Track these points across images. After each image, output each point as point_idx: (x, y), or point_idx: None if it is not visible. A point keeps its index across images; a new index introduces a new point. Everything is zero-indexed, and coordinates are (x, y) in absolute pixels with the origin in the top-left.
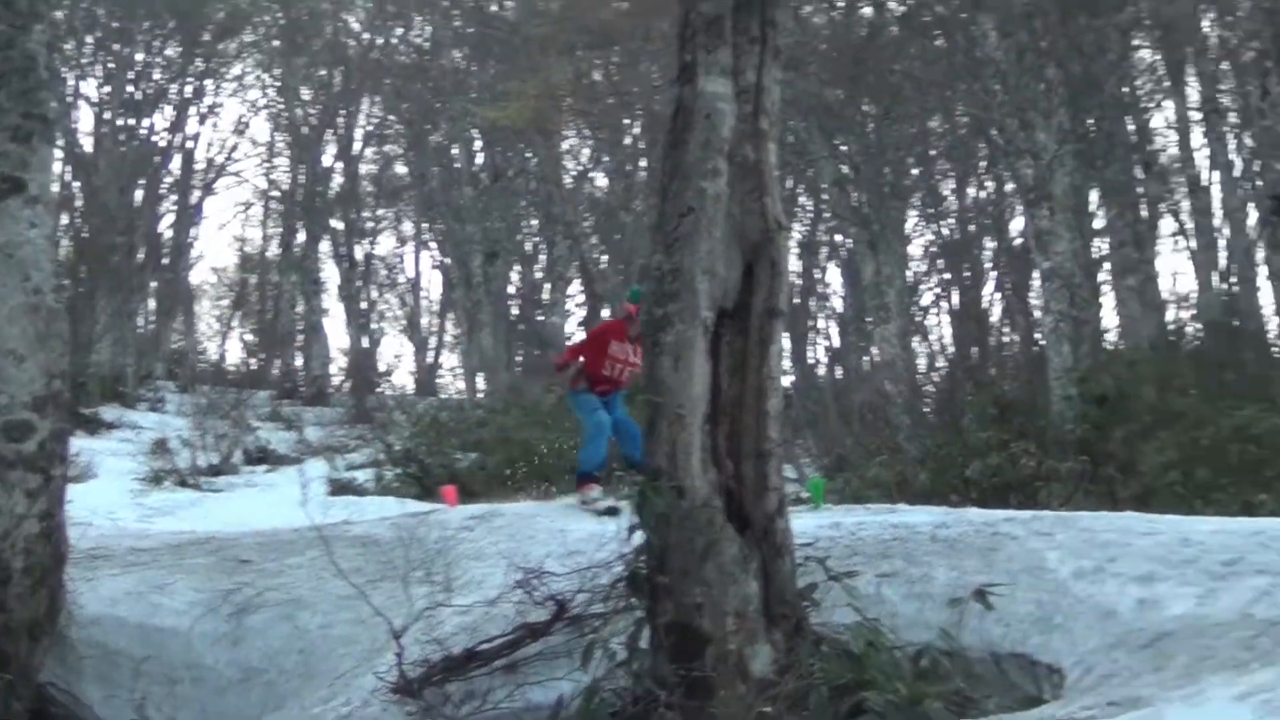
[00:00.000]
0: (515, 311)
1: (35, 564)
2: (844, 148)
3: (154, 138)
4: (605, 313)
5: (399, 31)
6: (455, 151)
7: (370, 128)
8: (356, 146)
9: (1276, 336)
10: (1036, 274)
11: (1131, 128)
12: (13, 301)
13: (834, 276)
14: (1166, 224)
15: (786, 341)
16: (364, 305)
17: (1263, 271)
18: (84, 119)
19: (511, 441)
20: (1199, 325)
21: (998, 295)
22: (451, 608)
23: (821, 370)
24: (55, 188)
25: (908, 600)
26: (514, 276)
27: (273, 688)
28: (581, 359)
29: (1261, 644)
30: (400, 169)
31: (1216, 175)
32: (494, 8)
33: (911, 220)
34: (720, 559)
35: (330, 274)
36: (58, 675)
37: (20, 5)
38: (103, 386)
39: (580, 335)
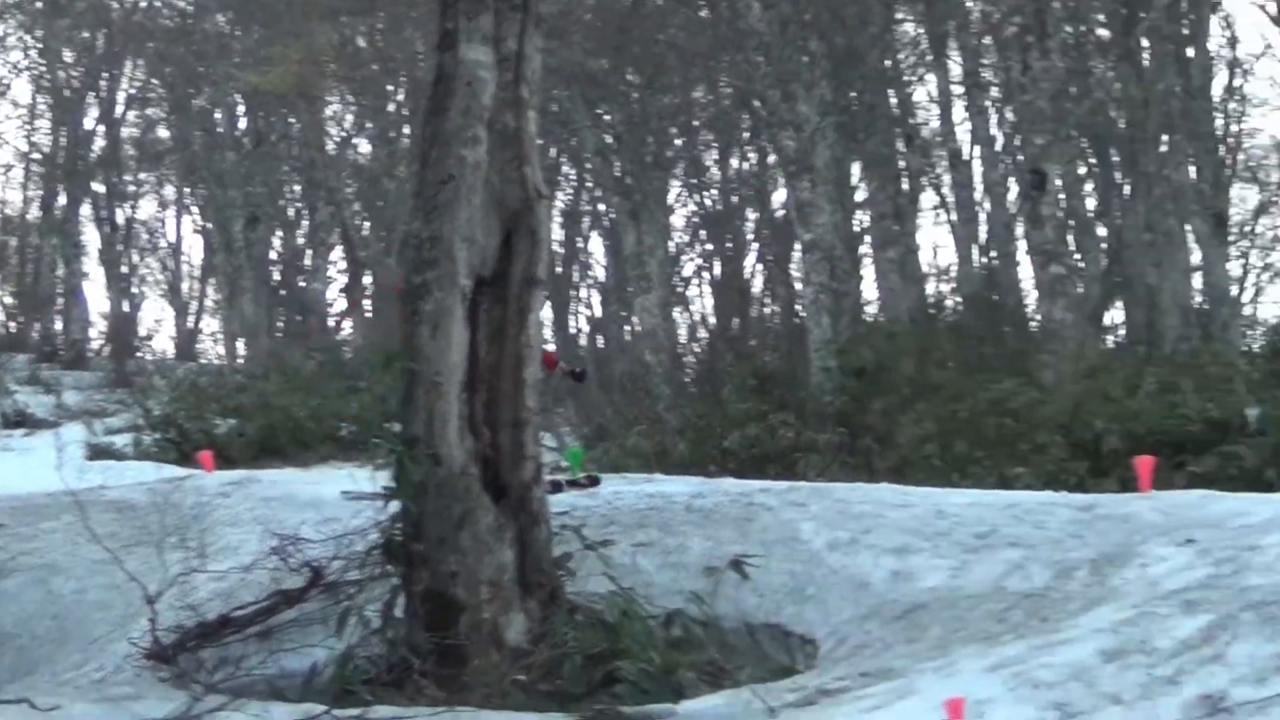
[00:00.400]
0: (277, 277)
1: None
2: (607, 117)
3: None
4: (367, 279)
5: None
6: (218, 116)
7: (133, 91)
8: (119, 110)
9: (1034, 310)
10: (798, 246)
11: (894, 101)
12: None
13: (596, 246)
14: (928, 197)
15: (547, 310)
16: (125, 269)
17: (1022, 246)
18: None
19: (271, 408)
20: (959, 299)
21: (759, 267)
22: (206, 574)
23: (583, 340)
24: None
25: (663, 570)
26: (276, 242)
27: (24, 653)
28: None
29: (1013, 616)
30: (162, 133)
31: (978, 150)
32: None
33: (674, 191)
34: (476, 527)
35: (91, 238)
36: None
37: None
38: None
39: (342, 302)
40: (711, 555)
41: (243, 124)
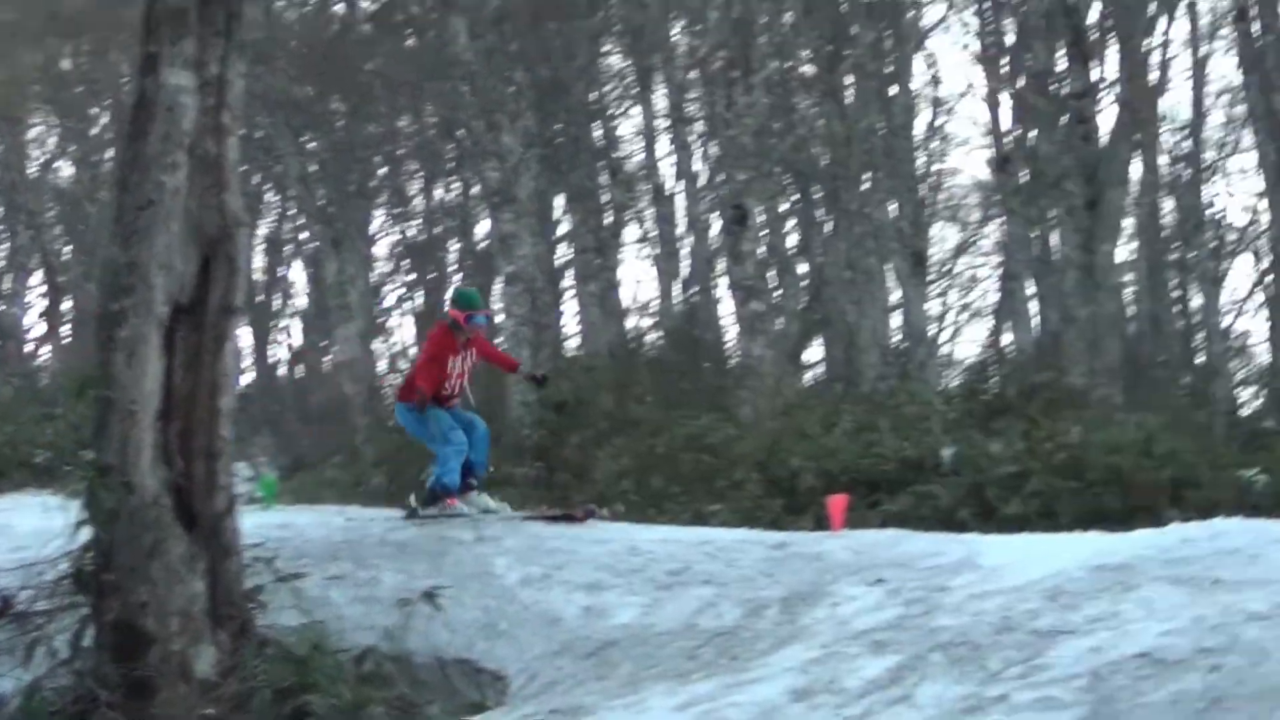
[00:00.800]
0: None
1: None
2: (311, 144)
3: None
4: (68, 303)
5: None
6: None
7: None
8: None
9: (734, 347)
10: (500, 278)
11: (598, 133)
12: None
13: (298, 274)
14: (631, 231)
15: (247, 338)
16: None
17: (723, 281)
18: None
19: None
20: (659, 334)
21: None
22: None
23: (283, 369)
24: None
25: (355, 603)
26: None
27: None
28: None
29: (704, 654)
30: None
31: (681, 184)
32: None
33: (377, 220)
34: (167, 557)
35: None
36: None
37: None
38: None
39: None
40: (404, 588)
41: None
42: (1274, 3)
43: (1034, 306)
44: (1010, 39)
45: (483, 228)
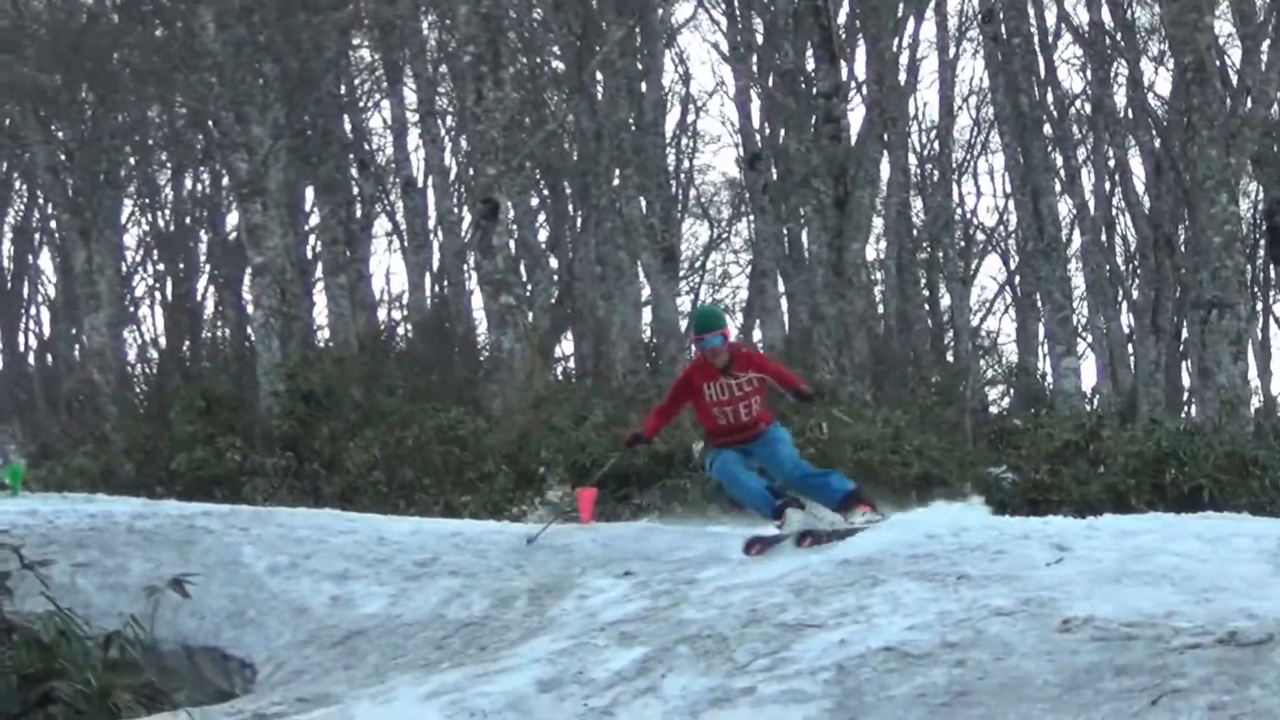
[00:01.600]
0: None
1: None
2: (60, 134)
3: None
4: None
5: None
6: None
7: None
8: None
9: (484, 340)
10: (249, 269)
11: (348, 126)
12: None
13: (46, 263)
14: (381, 224)
15: None
16: None
17: (474, 275)
18: None
19: None
20: (409, 326)
21: (211, 289)
22: None
23: (31, 357)
24: None
25: (103, 590)
26: None
27: None
28: (670, 419)
29: (451, 644)
30: None
31: (431, 178)
32: None
33: (127, 209)
34: None
35: None
36: None
37: None
38: None
39: None
40: (152, 576)
41: None
42: (1021, 4)
43: (785, 303)
44: (760, 37)
45: (232, 218)
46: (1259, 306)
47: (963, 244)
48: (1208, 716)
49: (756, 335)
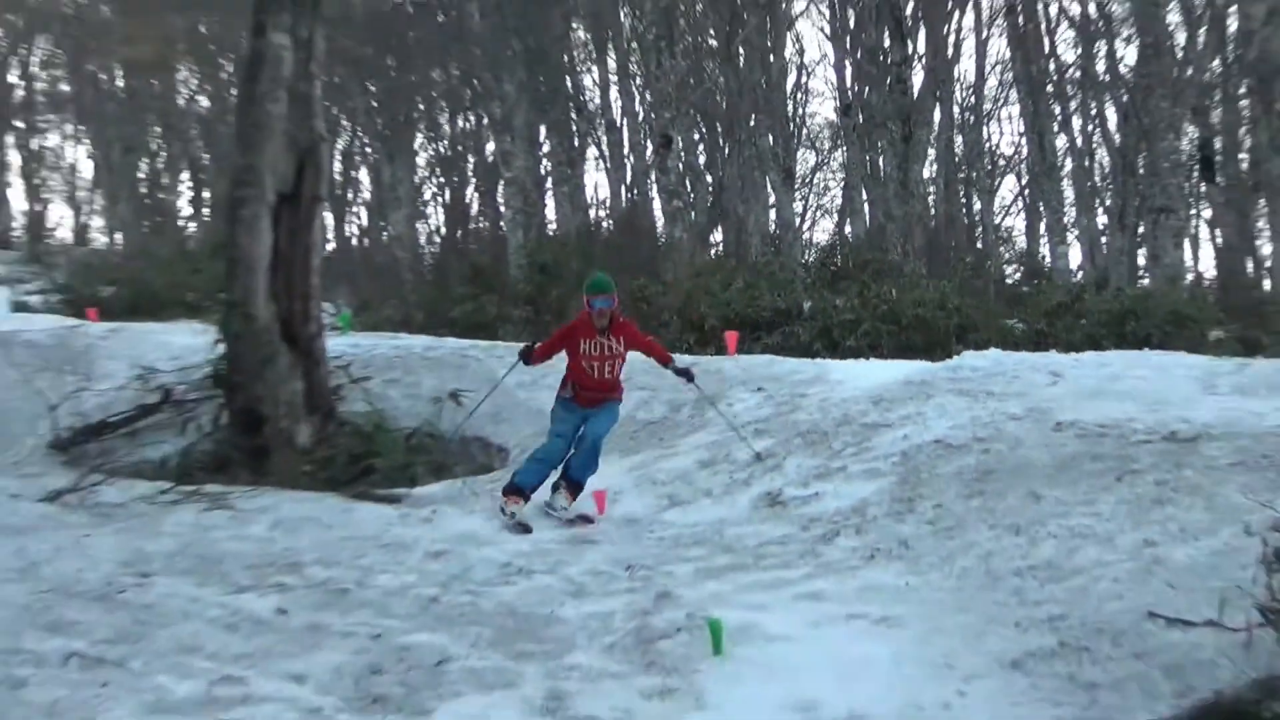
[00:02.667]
0: (144, 191)
1: None
2: (372, 87)
3: None
4: (207, 193)
5: None
6: (103, 77)
7: (44, 57)
8: (35, 69)
9: (662, 231)
10: (502, 182)
11: (569, 83)
12: None
13: (364, 176)
14: (591, 151)
15: (328, 219)
16: (37, 182)
17: (654, 187)
18: None
19: (137, 280)
20: (611, 221)
21: (476, 195)
22: (91, 392)
23: (354, 240)
24: None
25: (404, 399)
26: (143, 166)
27: None
28: (553, 358)
29: (640, 436)
30: (64, 87)
31: (626, 120)
32: None
33: (418, 140)
34: (276, 366)
35: (14, 159)
36: None
37: None
38: None
39: (189, 208)
40: (439, 390)
41: (120, 82)
42: (1034, 1)
43: (866, 209)
44: (852, 23)
45: (490, 147)
46: (1193, 212)
47: (989, 167)
48: (1154, 488)
49: (847, 229)
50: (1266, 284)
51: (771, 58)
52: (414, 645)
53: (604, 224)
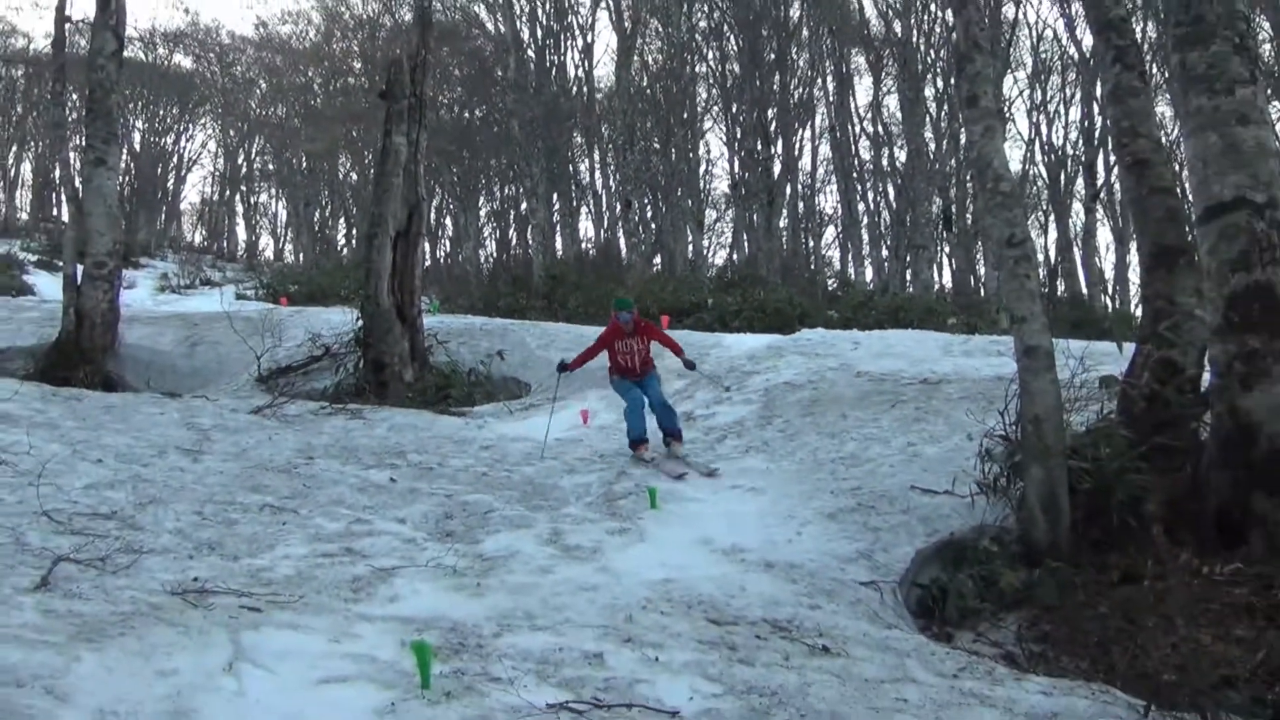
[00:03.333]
0: (316, 228)
1: (105, 320)
2: (454, 168)
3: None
4: (355, 231)
5: None
6: (303, 165)
7: (260, 160)
8: (250, 167)
9: (625, 257)
10: (530, 226)
11: (571, 167)
12: (99, 210)
13: (448, 221)
14: (583, 209)
15: (426, 247)
16: (253, 222)
17: (621, 231)
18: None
19: (313, 281)
20: (594, 250)
21: (515, 234)
22: (281, 347)
23: (442, 259)
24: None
25: (469, 354)
26: (317, 214)
27: (206, 375)
28: (593, 359)
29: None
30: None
31: (604, 190)
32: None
33: (481, 200)
34: (393, 333)
35: (240, 208)
36: (113, 368)
37: None
38: (140, 248)
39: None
40: (490, 349)
41: (304, 163)
42: (845, 124)
43: (746, 244)
44: (739, 134)
45: (523, 205)
46: (938, 248)
47: (819, 220)
48: (914, 411)
49: (734, 256)
50: (982, 292)
51: (690, 154)
52: (471, 502)
53: (590, 252)
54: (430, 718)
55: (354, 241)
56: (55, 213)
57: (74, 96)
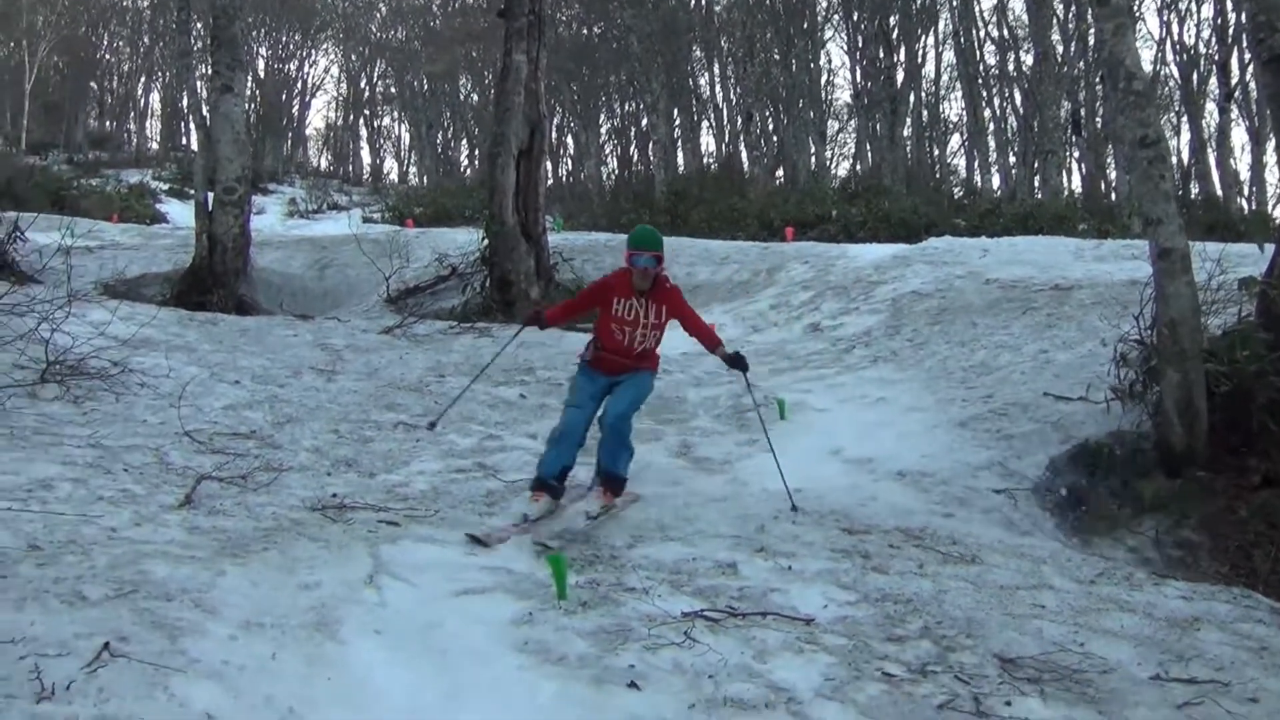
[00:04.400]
0: (439, 150)
1: (236, 245)
2: (574, 86)
3: None
4: (476, 151)
5: None
6: (426, 87)
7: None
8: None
9: (746, 171)
10: (651, 142)
11: (691, 81)
12: (227, 137)
13: (570, 140)
14: (704, 123)
15: (549, 165)
16: (377, 145)
17: (742, 144)
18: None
19: (437, 202)
20: (715, 165)
21: (636, 150)
22: (409, 269)
23: (565, 178)
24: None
25: (594, 270)
26: (439, 136)
27: (335, 300)
28: (581, 314)
29: (734, 291)
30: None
31: (725, 103)
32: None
33: (602, 118)
34: (518, 251)
35: (364, 133)
36: (245, 291)
37: None
38: (268, 174)
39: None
40: (614, 264)
41: (426, 85)
42: (969, 29)
43: (869, 154)
44: (860, 43)
45: (644, 121)
46: (1067, 153)
47: (943, 129)
48: (1045, 318)
49: (858, 167)
50: (1113, 196)
51: (811, 64)
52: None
53: (712, 166)
54: (567, 626)
55: (477, 162)
56: (184, 141)
57: (198, 26)
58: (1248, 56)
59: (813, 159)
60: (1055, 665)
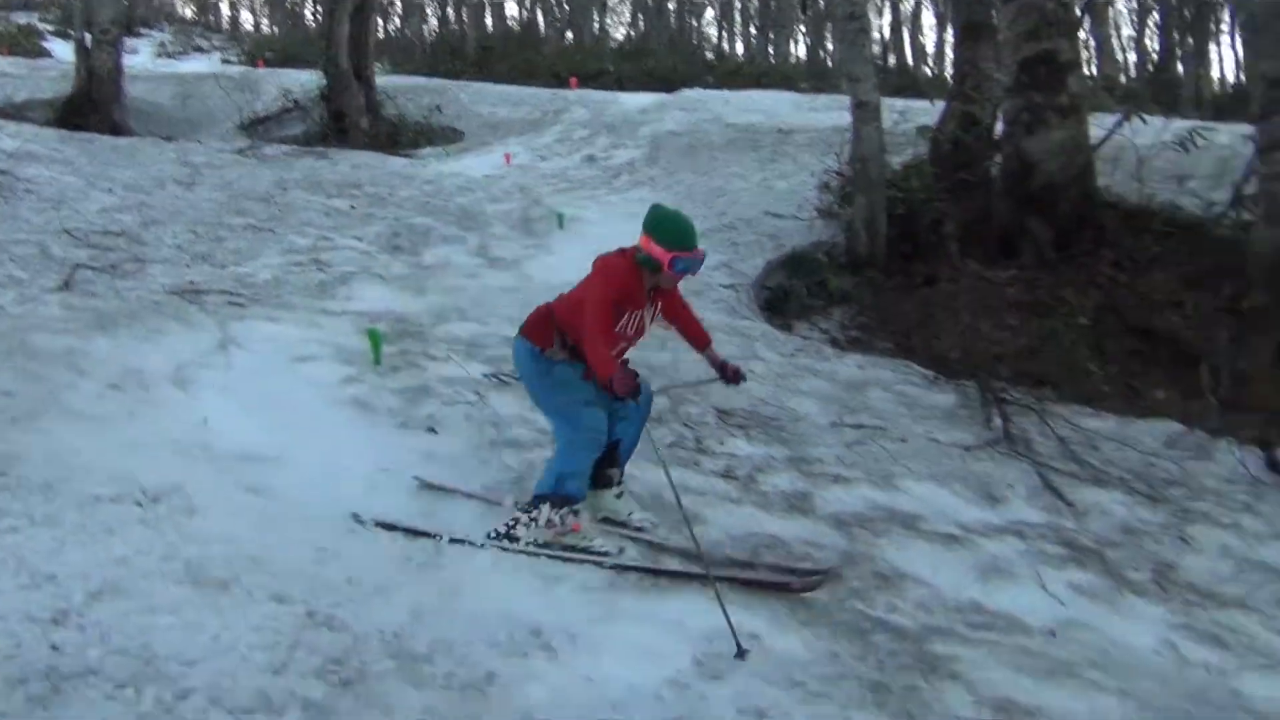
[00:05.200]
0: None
1: (110, 77)
2: None
3: None
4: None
5: None
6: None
7: None
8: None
9: None
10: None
11: None
12: None
13: None
14: None
15: (380, 19)
16: None
17: None
18: None
19: (286, 49)
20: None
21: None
22: (259, 101)
23: (391, 29)
24: None
25: (415, 109)
26: None
27: (197, 124)
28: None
29: (524, 127)
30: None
31: None
32: None
33: None
34: (351, 90)
35: None
36: (119, 117)
37: None
38: (139, 20)
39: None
40: (431, 104)
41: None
42: None
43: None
44: None
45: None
46: None
47: None
48: (769, 154)
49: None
50: (829, 64)
51: None
52: (415, 223)
53: (515, 29)
54: (382, 386)
55: (320, 16)
56: None
57: None
58: None
59: (595, 25)
60: (759, 415)
